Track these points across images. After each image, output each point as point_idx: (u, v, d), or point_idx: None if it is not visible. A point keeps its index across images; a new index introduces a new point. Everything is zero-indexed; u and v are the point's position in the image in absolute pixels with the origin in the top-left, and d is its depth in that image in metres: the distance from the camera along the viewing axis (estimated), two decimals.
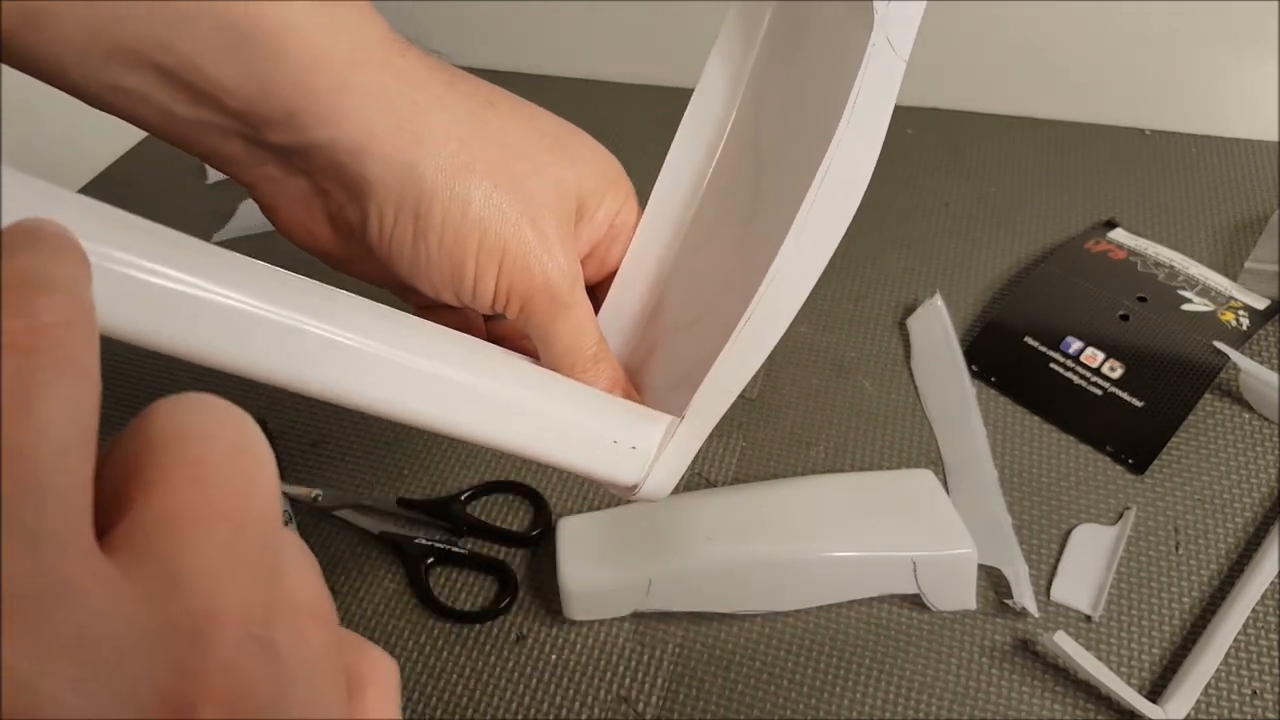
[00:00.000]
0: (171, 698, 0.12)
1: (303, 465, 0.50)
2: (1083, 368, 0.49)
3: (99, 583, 0.12)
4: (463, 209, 0.28)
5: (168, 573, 0.13)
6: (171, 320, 0.22)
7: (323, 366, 0.24)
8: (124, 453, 0.14)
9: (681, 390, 0.31)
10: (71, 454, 0.13)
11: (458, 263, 0.29)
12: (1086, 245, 0.56)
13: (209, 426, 0.15)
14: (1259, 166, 0.63)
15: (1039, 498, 0.46)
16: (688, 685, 0.41)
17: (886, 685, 0.40)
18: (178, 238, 0.22)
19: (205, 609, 0.13)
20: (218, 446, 0.14)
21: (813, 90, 0.30)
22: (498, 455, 0.50)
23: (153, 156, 0.76)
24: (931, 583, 0.41)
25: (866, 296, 0.57)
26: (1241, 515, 0.44)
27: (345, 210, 0.30)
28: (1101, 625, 0.41)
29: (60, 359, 0.13)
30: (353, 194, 0.29)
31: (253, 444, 0.15)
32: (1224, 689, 0.38)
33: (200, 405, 0.15)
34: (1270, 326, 0.51)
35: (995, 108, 0.70)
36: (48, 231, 0.15)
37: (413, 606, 0.44)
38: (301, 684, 0.14)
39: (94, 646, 0.11)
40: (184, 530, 0.13)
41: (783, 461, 0.49)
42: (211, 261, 0.22)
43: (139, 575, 0.13)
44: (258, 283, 0.23)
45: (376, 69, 0.28)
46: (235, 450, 0.15)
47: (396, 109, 0.28)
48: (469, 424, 0.27)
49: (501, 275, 0.30)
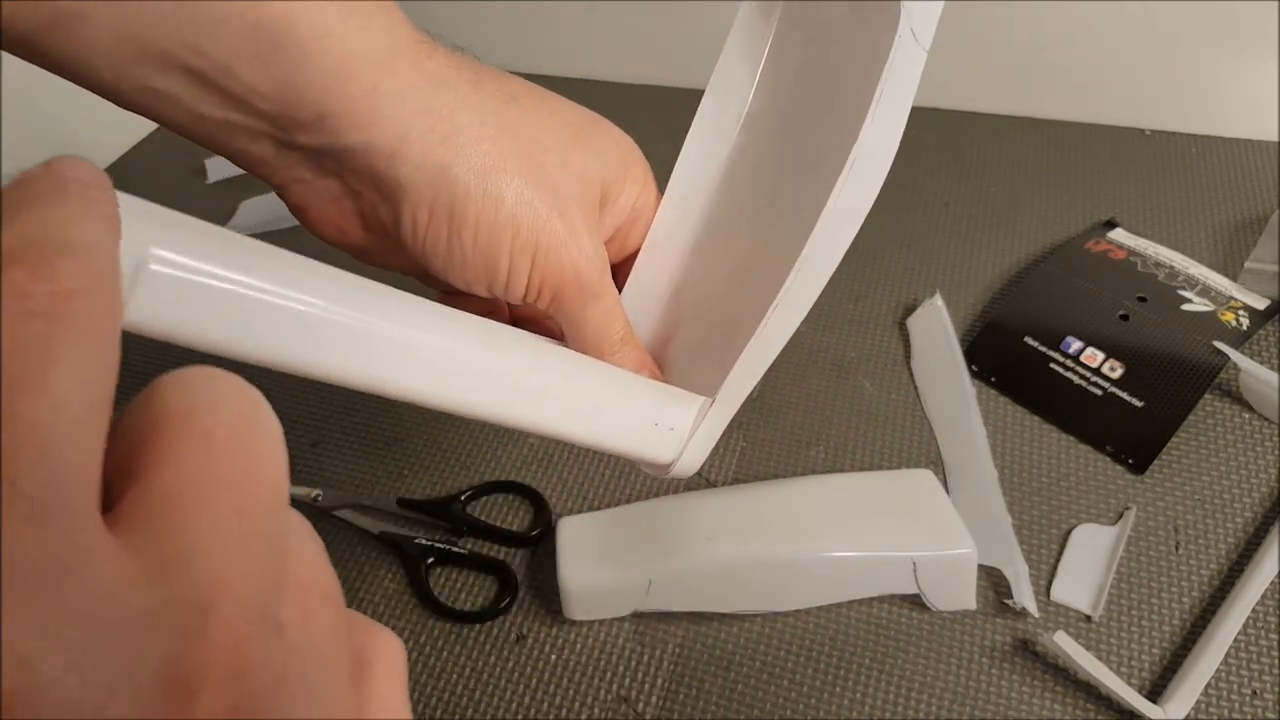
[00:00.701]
0: (173, 677, 0.12)
1: (303, 465, 0.50)
2: (1083, 368, 0.49)
3: (104, 558, 0.12)
4: (495, 207, 0.29)
5: (172, 548, 0.12)
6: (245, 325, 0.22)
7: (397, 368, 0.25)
8: (131, 426, 0.14)
9: (700, 369, 0.33)
10: (85, 426, 0.12)
11: (492, 259, 0.30)
12: (1086, 245, 0.56)
13: (217, 401, 0.14)
14: (1259, 166, 0.63)
15: (1039, 498, 0.46)
16: (688, 685, 0.41)
17: (886, 685, 0.40)
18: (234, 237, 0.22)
19: (209, 585, 0.12)
20: (226, 421, 0.14)
21: (836, 80, 0.31)
22: (497, 455, 0.50)
23: (153, 155, 0.76)
24: (931, 583, 0.41)
25: (866, 296, 0.57)
26: (1241, 515, 0.44)
27: (378, 210, 0.30)
28: (1101, 625, 0.41)
29: (79, 327, 0.12)
30: (385, 195, 0.29)
31: (262, 420, 0.15)
32: (1224, 689, 0.38)
33: (209, 379, 0.15)
34: (1270, 326, 0.51)
35: (995, 108, 0.70)
36: (73, 179, 0.14)
37: (413, 606, 0.44)
38: (307, 663, 0.14)
39: (95, 624, 0.11)
40: (189, 506, 0.13)
41: (783, 461, 0.49)
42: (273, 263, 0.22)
43: (143, 551, 0.12)
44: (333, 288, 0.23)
45: (406, 72, 0.28)
46: (244, 426, 0.14)
47: (428, 111, 0.28)
48: (531, 416, 0.28)
49: (534, 269, 0.30)
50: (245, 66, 0.26)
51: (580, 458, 0.50)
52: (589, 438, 0.30)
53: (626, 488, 0.48)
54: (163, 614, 0.12)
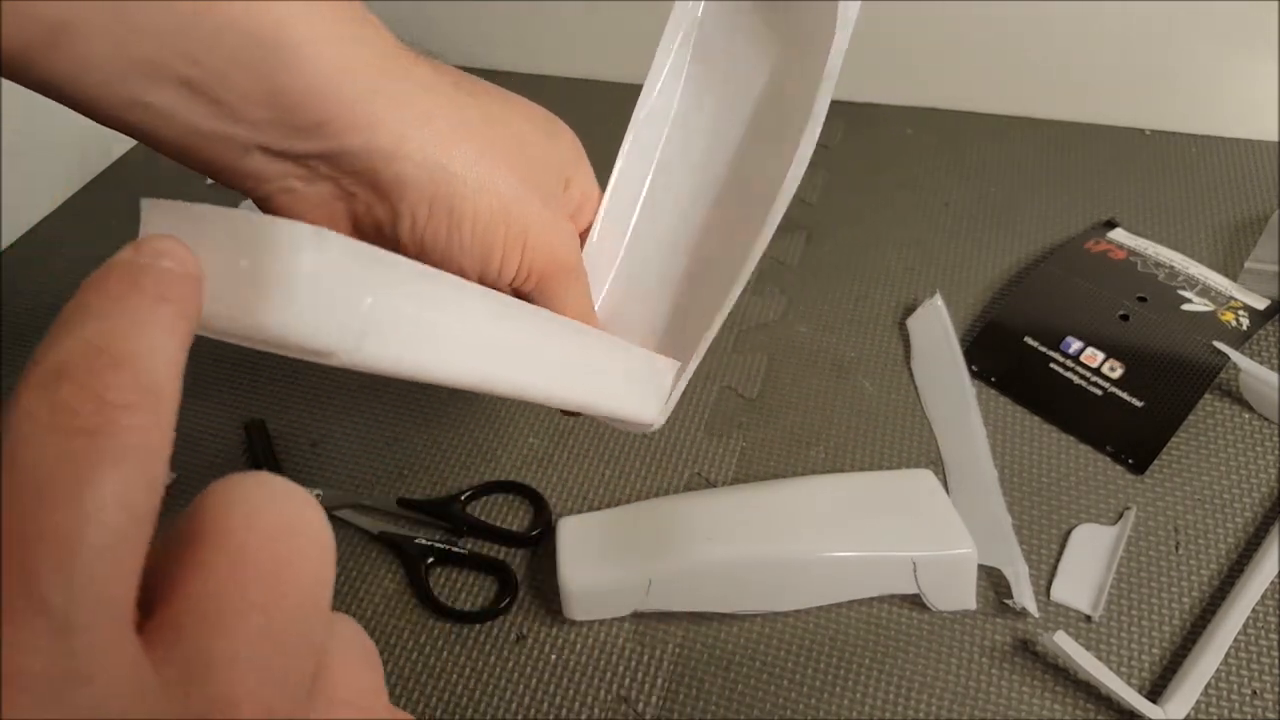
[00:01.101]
0: None
1: (303, 465, 0.50)
2: (1083, 368, 0.49)
3: (124, 671, 0.12)
4: (491, 201, 0.31)
5: (194, 660, 0.13)
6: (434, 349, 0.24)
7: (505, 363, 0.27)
8: (180, 530, 0.14)
9: (649, 339, 0.38)
10: (119, 543, 0.12)
11: (487, 249, 0.32)
12: (1086, 245, 0.56)
13: (258, 509, 0.14)
14: (1259, 166, 0.63)
15: (1039, 498, 0.46)
16: (688, 685, 0.41)
17: (886, 685, 0.40)
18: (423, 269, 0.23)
19: (226, 700, 0.13)
20: (262, 530, 0.14)
21: (774, 76, 0.36)
22: (497, 455, 0.50)
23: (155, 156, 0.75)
24: (931, 583, 0.41)
25: (866, 296, 0.57)
26: (1241, 515, 0.44)
27: (374, 210, 0.31)
28: (1101, 625, 0.41)
29: (121, 444, 0.13)
30: (383, 195, 0.30)
31: (305, 529, 0.15)
32: (1224, 689, 0.38)
33: (255, 486, 0.15)
34: (1270, 326, 0.51)
35: (995, 108, 0.70)
36: (152, 271, 0.15)
37: (413, 606, 0.44)
38: None
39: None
40: (215, 618, 0.13)
41: (783, 461, 0.49)
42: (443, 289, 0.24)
43: (166, 663, 0.13)
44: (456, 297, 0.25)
45: (398, 76, 0.29)
46: (281, 536, 0.14)
47: (421, 113, 0.29)
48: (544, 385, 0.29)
49: (525, 256, 0.33)
50: (241, 74, 0.26)
51: (580, 458, 0.50)
52: (599, 402, 0.32)
53: (626, 488, 0.48)
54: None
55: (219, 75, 0.26)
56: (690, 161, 0.39)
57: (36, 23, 0.23)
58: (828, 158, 0.68)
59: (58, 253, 0.67)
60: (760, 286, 0.58)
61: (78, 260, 0.65)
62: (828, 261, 0.60)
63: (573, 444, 0.50)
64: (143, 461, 0.13)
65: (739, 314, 0.57)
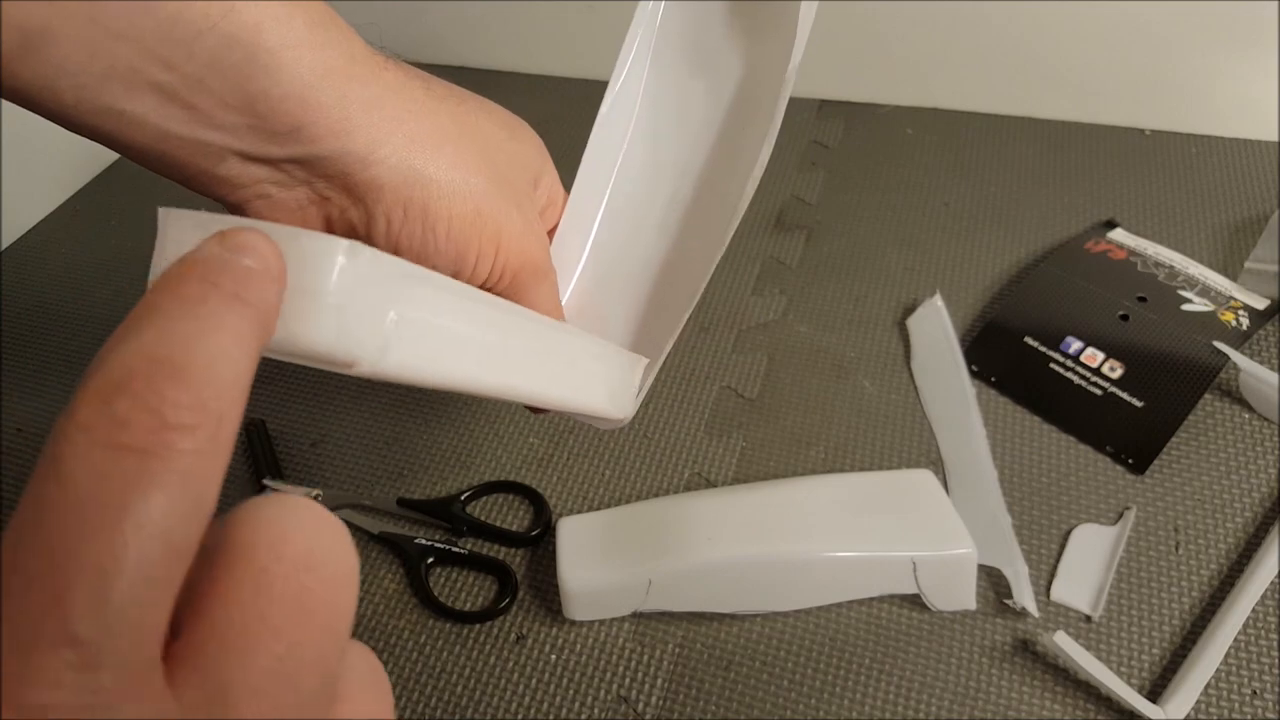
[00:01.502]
0: None
1: (303, 465, 0.50)
2: (1083, 368, 0.49)
3: (148, 705, 0.12)
4: (464, 203, 0.31)
5: (213, 687, 0.13)
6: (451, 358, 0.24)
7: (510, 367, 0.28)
8: (206, 549, 0.14)
9: (617, 334, 0.39)
10: (153, 575, 0.12)
11: (462, 250, 0.32)
12: (1086, 245, 0.56)
13: (284, 535, 0.14)
14: (1259, 166, 0.63)
15: (1039, 498, 0.46)
16: (688, 685, 0.41)
17: (886, 685, 0.40)
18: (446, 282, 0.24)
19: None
20: (287, 557, 0.14)
21: (736, 77, 0.37)
22: (497, 455, 0.50)
23: None
24: (931, 583, 0.41)
25: (866, 296, 0.57)
26: (1241, 515, 0.44)
27: (347, 213, 0.31)
28: (1101, 625, 0.41)
29: (171, 469, 0.12)
30: (357, 198, 0.30)
31: (329, 556, 0.15)
32: (1224, 689, 0.38)
33: (283, 511, 0.14)
34: (1270, 326, 0.51)
35: (995, 108, 0.70)
36: (230, 267, 0.14)
37: (413, 606, 0.44)
38: None
39: None
40: (235, 645, 0.13)
41: (783, 461, 0.49)
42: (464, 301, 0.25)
43: (186, 691, 0.12)
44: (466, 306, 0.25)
45: (370, 81, 0.29)
46: (304, 564, 0.14)
47: (394, 117, 0.29)
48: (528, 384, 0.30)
49: (498, 256, 0.33)
50: (218, 79, 0.26)
51: (580, 458, 0.50)
52: (575, 397, 0.33)
53: (626, 488, 0.48)
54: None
55: (195, 80, 0.25)
56: (655, 160, 0.40)
57: (10, 29, 0.23)
58: (828, 158, 0.68)
59: (57, 253, 0.67)
60: (760, 286, 0.58)
61: (77, 261, 0.65)
62: (828, 261, 0.60)
63: (573, 444, 0.50)
64: (192, 489, 0.12)
65: (739, 314, 0.57)
